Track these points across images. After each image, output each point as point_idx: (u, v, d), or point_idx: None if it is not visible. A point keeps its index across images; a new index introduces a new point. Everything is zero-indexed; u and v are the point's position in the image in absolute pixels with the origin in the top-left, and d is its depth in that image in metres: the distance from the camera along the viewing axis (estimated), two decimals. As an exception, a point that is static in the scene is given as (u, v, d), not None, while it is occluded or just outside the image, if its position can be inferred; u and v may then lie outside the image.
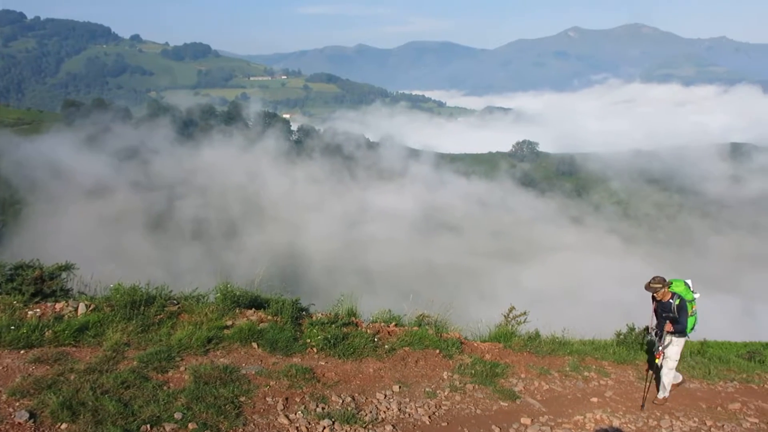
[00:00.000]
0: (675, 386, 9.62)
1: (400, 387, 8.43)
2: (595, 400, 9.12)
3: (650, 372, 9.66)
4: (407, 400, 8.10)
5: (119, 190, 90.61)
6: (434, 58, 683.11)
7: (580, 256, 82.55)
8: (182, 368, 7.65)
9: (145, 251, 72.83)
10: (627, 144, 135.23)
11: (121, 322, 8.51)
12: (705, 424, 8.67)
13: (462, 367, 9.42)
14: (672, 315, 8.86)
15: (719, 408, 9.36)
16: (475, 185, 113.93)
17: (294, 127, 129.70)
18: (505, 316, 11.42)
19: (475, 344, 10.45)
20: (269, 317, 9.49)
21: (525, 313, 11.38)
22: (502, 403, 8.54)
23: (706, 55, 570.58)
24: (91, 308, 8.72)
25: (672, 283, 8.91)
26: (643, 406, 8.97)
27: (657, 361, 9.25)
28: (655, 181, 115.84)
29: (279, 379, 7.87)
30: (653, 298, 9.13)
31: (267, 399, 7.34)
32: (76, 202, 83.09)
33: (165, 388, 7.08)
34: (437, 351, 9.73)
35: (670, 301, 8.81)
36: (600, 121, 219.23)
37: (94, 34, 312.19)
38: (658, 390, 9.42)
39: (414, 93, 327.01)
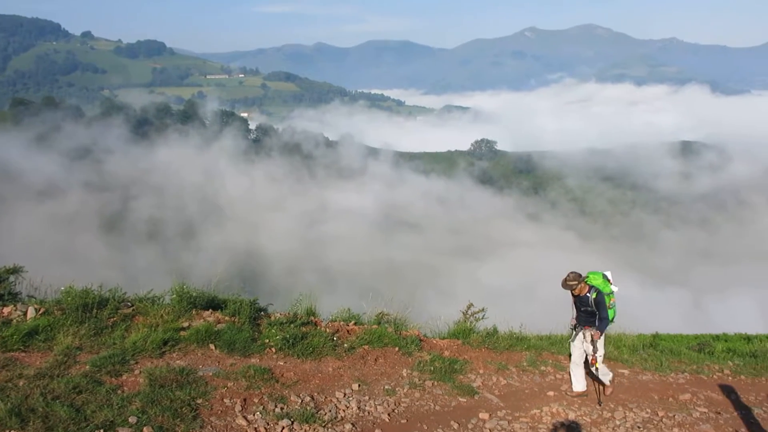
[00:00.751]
0: (578, 394, 9.40)
1: (359, 385, 8.44)
2: (551, 393, 9.29)
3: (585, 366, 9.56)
4: (366, 398, 8.12)
5: (71, 190, 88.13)
6: (393, 57, 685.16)
7: (537, 253, 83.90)
8: (137, 371, 7.50)
9: (99, 253, 71.01)
10: (582, 142, 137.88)
11: (73, 325, 8.30)
12: (657, 414, 8.92)
13: (421, 364, 9.47)
14: (590, 308, 8.90)
15: (671, 399, 9.64)
16: (434, 183, 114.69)
17: (252, 126, 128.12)
18: (463, 312, 11.52)
19: (434, 341, 10.53)
20: (227, 318, 9.38)
21: (483, 309, 11.49)
22: (460, 399, 8.63)
23: (658, 55, 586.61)
24: (40, 312, 8.48)
25: (589, 277, 8.98)
26: (599, 402, 9.08)
27: (592, 368, 9.21)
28: (609, 179, 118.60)
29: (237, 380, 7.79)
30: (572, 293, 9.15)
31: (225, 400, 7.26)
32: (25, 203, 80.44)
33: (119, 392, 6.93)
34: (396, 349, 9.77)
35: (588, 295, 8.87)
36: (556, 120, 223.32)
37: (43, 30, 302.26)
38: (603, 384, 9.46)
39: (373, 92, 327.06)
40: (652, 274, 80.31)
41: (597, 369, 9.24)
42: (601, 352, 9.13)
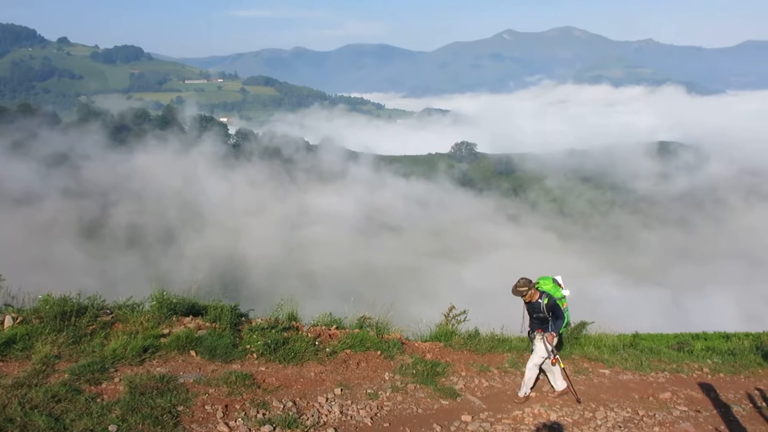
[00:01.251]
0: (560, 393, 9.33)
1: (341, 389, 8.44)
2: (533, 395, 9.33)
3: (563, 368, 9.42)
4: (349, 402, 8.13)
5: (48, 197, 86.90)
6: (372, 60, 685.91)
7: (518, 254, 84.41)
8: (117, 379, 7.44)
9: (78, 260, 70.03)
10: (561, 144, 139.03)
11: (51, 334, 8.21)
12: (638, 413, 9.02)
13: (403, 368, 9.50)
14: (542, 314, 8.72)
15: (651, 398, 9.73)
16: (414, 186, 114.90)
17: (232, 130, 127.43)
18: (445, 315, 11.56)
19: (416, 344, 10.56)
20: (208, 324, 9.34)
21: (465, 311, 11.53)
22: (443, 402, 8.67)
23: (634, 56, 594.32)
24: (18, 321, 8.38)
25: (539, 283, 8.79)
26: (578, 400, 9.13)
27: (553, 367, 9.13)
28: (588, 179, 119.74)
29: (218, 387, 7.76)
30: (523, 299, 8.91)
31: (206, 407, 7.22)
32: (1, 211, 79.13)
33: (98, 400, 6.88)
34: (378, 352, 9.78)
35: (539, 301, 8.67)
36: (535, 122, 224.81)
37: (19, 36, 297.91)
38: (552, 386, 9.36)
39: (353, 95, 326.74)
40: (632, 273, 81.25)
41: (563, 368, 9.19)
42: (543, 354, 8.88)
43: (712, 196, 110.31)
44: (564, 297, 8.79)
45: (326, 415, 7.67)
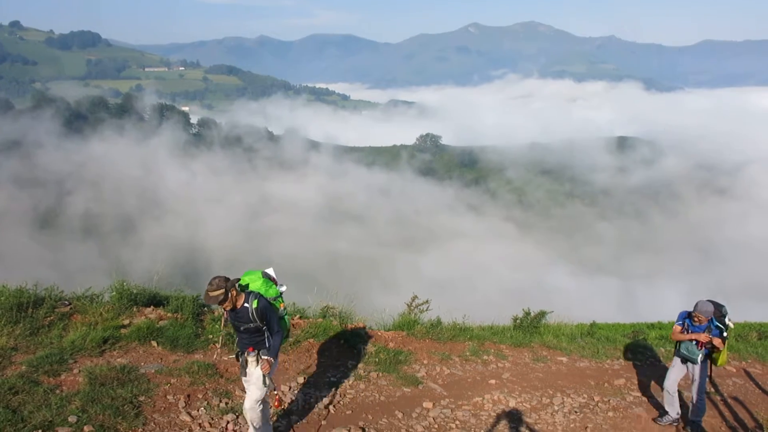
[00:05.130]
0: None
1: (304, 378, 8.51)
2: (493, 381, 9.55)
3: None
4: (312, 390, 8.20)
5: (0, 186, 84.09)
6: (337, 51, 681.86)
7: (479, 243, 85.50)
8: (76, 371, 7.36)
9: (32, 251, 67.99)
10: (523, 137, 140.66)
11: (7, 325, 8.06)
12: (593, 399, 9.33)
13: (366, 356, 9.59)
14: (252, 324, 6.17)
15: (606, 384, 10.08)
16: (377, 176, 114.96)
17: (193, 119, 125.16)
18: (408, 305, 11.69)
19: (379, 333, 10.66)
20: (169, 314, 9.28)
21: (427, 301, 11.67)
22: (405, 389, 8.80)
23: (597, 53, 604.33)
24: (-29, 312, 8.17)
25: (242, 281, 6.33)
26: None
27: (277, 410, 7.18)
28: (548, 172, 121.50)
29: (180, 377, 7.73)
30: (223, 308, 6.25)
31: (168, 397, 7.20)
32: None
33: (57, 391, 6.80)
34: (342, 341, 9.85)
35: (246, 306, 6.12)
36: (499, 115, 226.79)
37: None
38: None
39: (317, 86, 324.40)
40: (587, 263, 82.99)
41: (284, 409, 7.07)
42: (259, 393, 6.29)
43: (667, 190, 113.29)
44: (281, 295, 6.57)
45: (289, 403, 7.73)
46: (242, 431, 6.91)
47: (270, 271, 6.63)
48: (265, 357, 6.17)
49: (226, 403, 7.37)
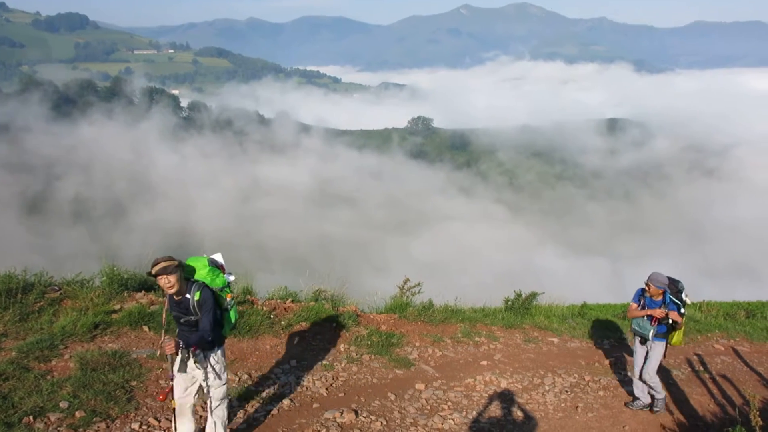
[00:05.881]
0: None
1: (297, 361, 8.52)
2: (485, 363, 9.62)
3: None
4: (304, 374, 8.22)
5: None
6: (328, 33, 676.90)
7: (470, 225, 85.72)
8: (67, 356, 7.34)
9: (21, 237, 67.46)
10: (515, 119, 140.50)
11: (-4, 311, 8.01)
12: (584, 378, 9.43)
13: (358, 339, 9.62)
14: (194, 318, 5.54)
15: (597, 364, 10.19)
16: (368, 159, 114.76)
17: (183, 103, 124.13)
18: (400, 287, 11.71)
19: (372, 316, 10.69)
20: (161, 299, 9.25)
21: (419, 284, 11.70)
22: (397, 371, 8.84)
23: (588, 34, 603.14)
24: (-40, 298, 8.12)
25: (186, 268, 5.59)
26: None
27: (173, 405, 5.75)
28: (539, 154, 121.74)
29: (172, 361, 7.72)
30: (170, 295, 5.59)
31: (160, 382, 7.20)
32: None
33: (48, 377, 6.79)
34: (334, 325, 9.87)
35: (188, 297, 5.50)
36: (491, 98, 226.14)
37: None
38: None
39: (308, 68, 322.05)
40: (577, 245, 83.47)
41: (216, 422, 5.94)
42: (221, 391, 5.90)
43: (657, 171, 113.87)
44: (228, 285, 5.84)
45: (282, 387, 7.75)
46: (235, 414, 6.92)
47: (218, 257, 5.95)
48: (174, 339, 5.29)
49: (219, 387, 7.37)
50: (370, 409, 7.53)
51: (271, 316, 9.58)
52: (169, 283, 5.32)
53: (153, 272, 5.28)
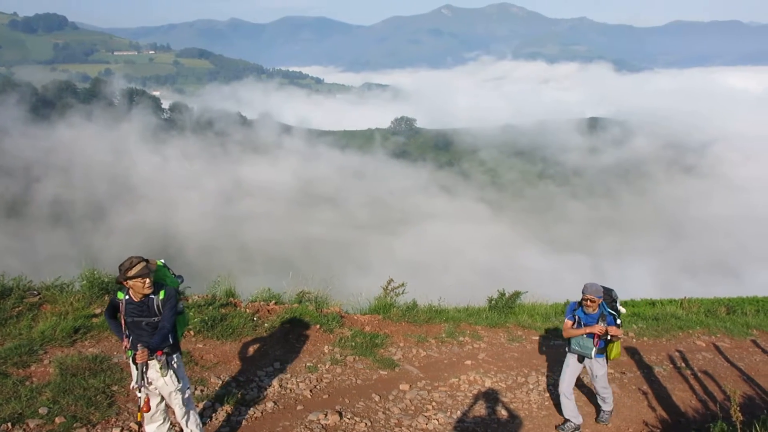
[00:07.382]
0: None
1: (280, 364, 8.48)
2: (469, 362, 9.62)
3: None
4: (288, 375, 8.17)
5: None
6: (310, 33, 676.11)
7: (453, 224, 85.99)
8: (46, 361, 7.24)
9: (0, 240, 66.60)
10: (497, 119, 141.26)
11: (-27, 317, 7.88)
12: (568, 376, 9.47)
13: (342, 341, 9.58)
14: (157, 318, 5.31)
15: (579, 362, 10.24)
16: (351, 159, 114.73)
17: (165, 104, 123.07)
18: (384, 288, 11.68)
19: (355, 317, 10.65)
20: (141, 303, 9.13)
21: (403, 284, 11.66)
22: (381, 372, 8.82)
23: (569, 34, 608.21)
24: (-65, 304, 7.97)
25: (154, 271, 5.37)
26: None
27: (139, 417, 5.35)
28: (520, 153, 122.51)
29: (155, 365, 7.64)
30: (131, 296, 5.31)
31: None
32: None
33: (27, 383, 6.69)
34: (318, 326, 9.83)
35: (152, 296, 5.28)
36: (473, 98, 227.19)
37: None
38: None
39: (291, 69, 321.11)
40: (558, 242, 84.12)
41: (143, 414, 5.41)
42: (186, 391, 5.69)
43: (637, 169, 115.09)
44: (178, 288, 5.74)
45: (266, 390, 7.70)
46: (218, 417, 6.87)
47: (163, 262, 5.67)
48: (143, 347, 5.01)
49: (202, 391, 7.32)
50: (355, 411, 7.51)
51: (255, 319, 9.52)
52: (147, 284, 5.18)
53: (131, 275, 5.07)
